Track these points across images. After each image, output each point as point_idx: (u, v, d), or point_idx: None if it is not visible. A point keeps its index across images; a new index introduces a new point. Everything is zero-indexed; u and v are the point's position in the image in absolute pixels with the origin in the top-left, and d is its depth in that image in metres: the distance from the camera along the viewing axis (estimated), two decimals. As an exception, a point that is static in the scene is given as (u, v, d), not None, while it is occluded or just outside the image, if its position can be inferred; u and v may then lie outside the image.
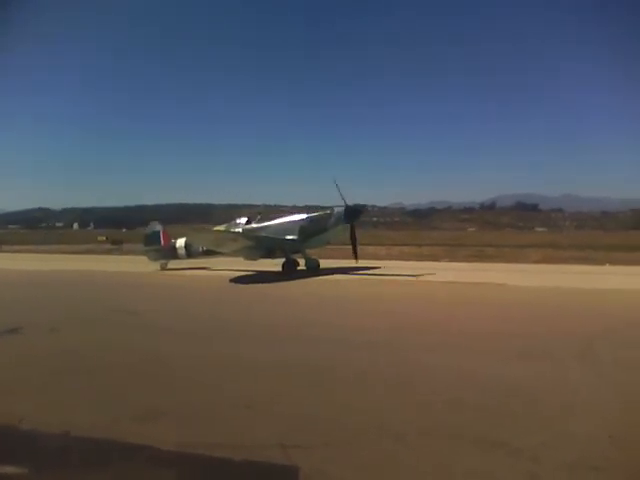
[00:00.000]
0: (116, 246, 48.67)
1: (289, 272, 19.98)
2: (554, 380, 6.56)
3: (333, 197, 21.92)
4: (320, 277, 19.76)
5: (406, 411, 5.48)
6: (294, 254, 21.19)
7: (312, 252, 22.61)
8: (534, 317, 11.39)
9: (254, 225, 21.83)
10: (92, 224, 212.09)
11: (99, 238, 66.46)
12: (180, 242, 23.05)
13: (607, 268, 23.86)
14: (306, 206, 35.05)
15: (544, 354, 7.90)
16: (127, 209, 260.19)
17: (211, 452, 4.38)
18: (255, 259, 21.05)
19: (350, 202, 20.14)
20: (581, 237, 69.88)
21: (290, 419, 5.21)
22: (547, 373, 6.86)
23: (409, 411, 5.47)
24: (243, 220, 22.22)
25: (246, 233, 20.77)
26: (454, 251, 37.45)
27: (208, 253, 22.15)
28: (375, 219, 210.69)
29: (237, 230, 21.38)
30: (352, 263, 21.82)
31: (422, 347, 8.35)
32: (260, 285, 18.08)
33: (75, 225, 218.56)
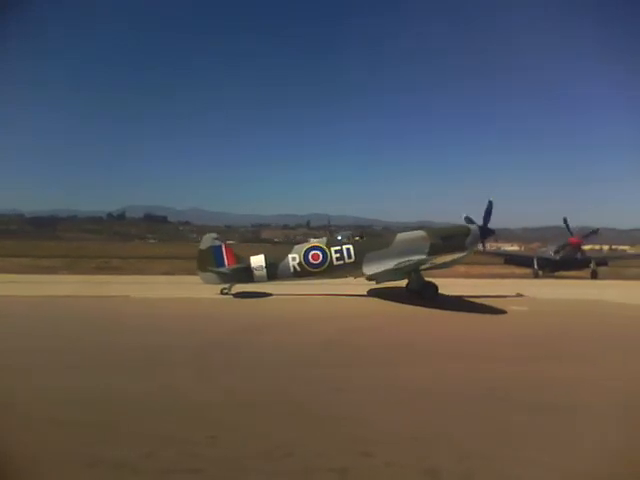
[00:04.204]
0: None
1: (434, 297, 18.53)
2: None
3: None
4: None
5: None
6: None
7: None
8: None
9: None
10: None
11: None
12: (258, 260, 19.31)
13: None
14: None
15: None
16: None
17: None
18: (382, 281, 19.73)
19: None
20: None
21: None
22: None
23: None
24: (349, 234, 20.03)
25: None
26: (77, 263, 35.60)
27: (301, 275, 19.32)
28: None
29: (349, 246, 19.38)
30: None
31: None
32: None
33: None
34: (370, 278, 19.74)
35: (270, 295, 19.13)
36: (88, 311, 15.45)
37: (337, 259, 19.24)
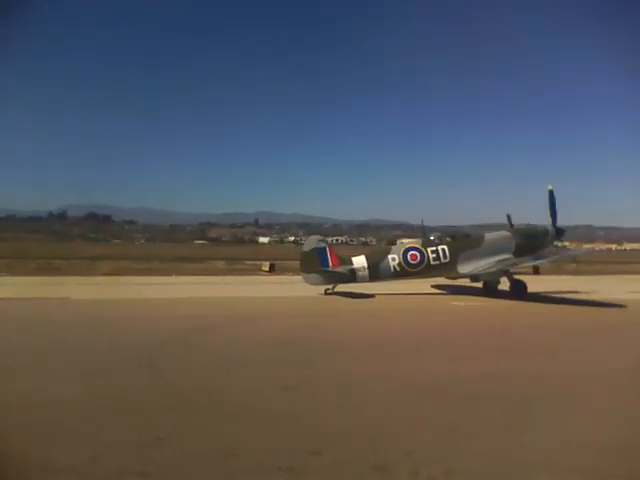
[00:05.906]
0: None
1: (524, 293, 19.49)
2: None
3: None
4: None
5: None
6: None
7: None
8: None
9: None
10: None
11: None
12: (360, 261, 19.75)
13: (173, 278, 28.17)
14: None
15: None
16: None
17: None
18: (482, 280, 20.42)
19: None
20: (152, 249, 74.27)
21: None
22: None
23: None
24: (439, 235, 20.92)
25: None
26: (17, 264, 34.02)
27: (400, 275, 19.84)
28: None
29: (443, 246, 20.10)
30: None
31: None
32: None
33: None
34: (467, 276, 20.40)
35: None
36: (23, 313, 14.93)
37: (434, 259, 19.85)
